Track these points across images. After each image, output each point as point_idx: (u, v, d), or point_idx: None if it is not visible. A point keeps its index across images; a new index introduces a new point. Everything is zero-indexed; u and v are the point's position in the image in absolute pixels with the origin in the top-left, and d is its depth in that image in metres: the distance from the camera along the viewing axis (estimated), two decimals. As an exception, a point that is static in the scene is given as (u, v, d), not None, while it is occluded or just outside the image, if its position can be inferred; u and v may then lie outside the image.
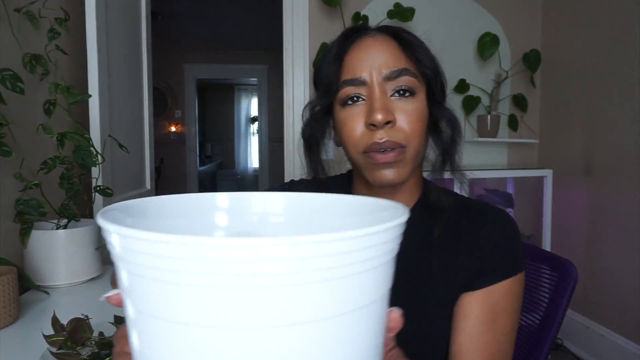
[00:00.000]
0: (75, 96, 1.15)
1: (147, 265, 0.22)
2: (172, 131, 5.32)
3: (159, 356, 0.23)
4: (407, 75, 0.58)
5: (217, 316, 0.21)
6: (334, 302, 0.22)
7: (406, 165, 0.59)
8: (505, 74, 2.36)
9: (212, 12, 4.02)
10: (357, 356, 0.25)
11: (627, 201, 1.90)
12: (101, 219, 0.24)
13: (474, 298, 0.59)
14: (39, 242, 1.07)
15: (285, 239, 0.20)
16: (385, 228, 0.23)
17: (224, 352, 0.22)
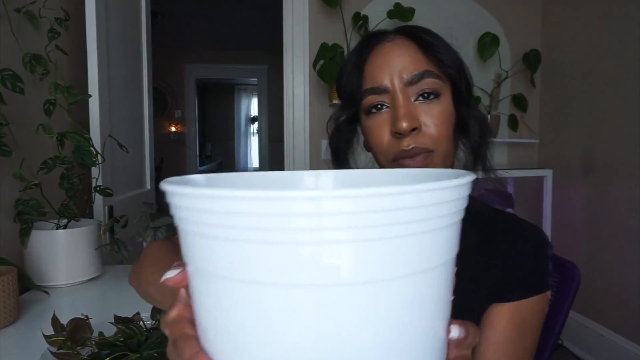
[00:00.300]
0: (75, 96, 1.15)
1: (219, 225, 0.22)
2: (172, 131, 5.32)
3: (233, 319, 0.23)
4: (430, 78, 0.57)
5: (287, 274, 0.21)
6: (405, 261, 0.22)
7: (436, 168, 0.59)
8: (505, 74, 2.36)
9: (212, 12, 4.02)
10: (425, 318, 0.24)
11: (627, 201, 1.90)
12: (168, 185, 0.24)
13: (503, 310, 0.58)
14: (39, 242, 1.07)
15: (358, 191, 0.20)
16: (455, 184, 0.23)
17: (297, 310, 0.22)
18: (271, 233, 0.21)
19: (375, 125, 0.60)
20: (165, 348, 0.63)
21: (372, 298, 0.22)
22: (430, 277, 0.24)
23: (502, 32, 2.38)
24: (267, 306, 0.22)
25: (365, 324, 0.22)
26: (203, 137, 7.52)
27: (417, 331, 0.24)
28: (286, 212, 0.20)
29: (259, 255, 0.21)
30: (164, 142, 5.23)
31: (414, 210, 0.21)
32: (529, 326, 0.58)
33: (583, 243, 2.16)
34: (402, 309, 0.23)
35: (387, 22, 2.15)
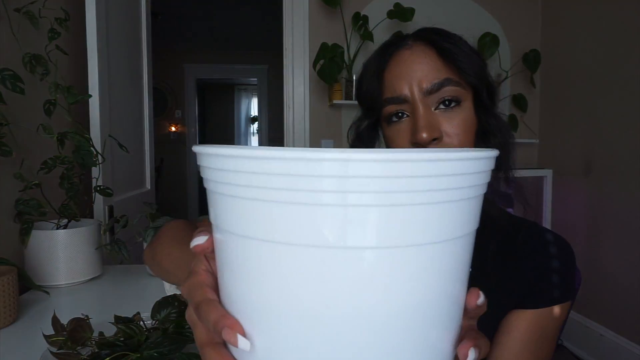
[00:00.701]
0: (75, 96, 1.15)
1: (249, 185, 0.22)
2: (172, 131, 5.32)
3: (258, 280, 0.24)
4: (450, 86, 0.56)
5: (314, 236, 0.21)
6: (430, 229, 0.22)
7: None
8: (505, 74, 2.36)
9: (212, 12, 4.02)
10: (449, 285, 0.25)
11: (627, 201, 1.90)
12: (201, 147, 0.25)
13: (522, 316, 0.58)
14: (39, 242, 1.07)
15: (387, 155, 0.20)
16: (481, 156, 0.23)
17: (322, 273, 0.22)
18: (300, 194, 0.21)
19: (395, 135, 0.59)
20: (165, 348, 0.63)
21: (396, 264, 0.22)
22: (454, 246, 0.24)
23: (502, 32, 2.38)
24: (293, 268, 0.22)
25: (390, 290, 0.22)
26: (203, 137, 7.51)
27: (443, 296, 0.24)
28: (315, 173, 0.21)
29: (287, 216, 0.22)
30: (164, 142, 5.23)
31: (440, 178, 0.22)
32: (548, 335, 0.58)
33: (583, 243, 2.16)
34: (427, 276, 0.23)
35: (387, 22, 2.15)
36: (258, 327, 0.24)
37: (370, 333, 0.23)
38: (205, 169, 0.26)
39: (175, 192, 5.33)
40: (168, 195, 5.23)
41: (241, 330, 0.25)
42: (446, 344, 0.26)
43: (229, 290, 0.26)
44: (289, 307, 0.23)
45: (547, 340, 0.58)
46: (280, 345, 0.23)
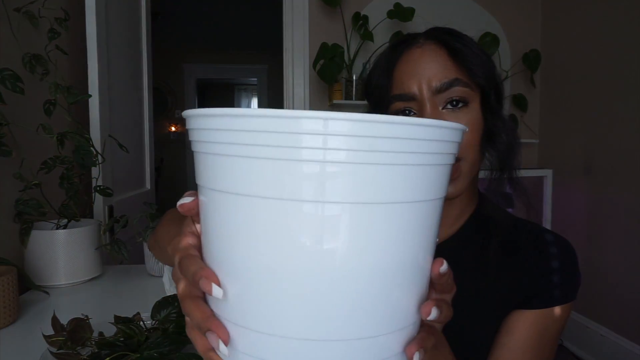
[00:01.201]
0: (75, 96, 1.15)
1: (233, 142, 0.24)
2: (172, 131, 5.32)
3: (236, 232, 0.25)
4: (459, 86, 0.56)
5: (291, 189, 0.23)
6: (398, 188, 0.24)
7: (463, 178, 0.58)
8: (505, 74, 2.36)
9: (212, 12, 4.02)
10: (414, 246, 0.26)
11: (627, 201, 1.90)
12: (188, 111, 0.26)
13: (524, 316, 0.58)
14: (39, 242, 1.07)
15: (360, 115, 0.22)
16: (448, 126, 0.25)
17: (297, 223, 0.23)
18: (279, 150, 0.22)
19: None
20: (165, 348, 0.63)
21: (365, 218, 0.24)
22: (418, 210, 0.26)
23: (502, 32, 2.38)
24: (270, 219, 0.24)
25: (359, 243, 0.24)
26: (203, 137, 7.52)
27: (406, 257, 0.26)
28: (294, 130, 0.22)
29: (266, 171, 0.23)
30: (164, 142, 5.23)
31: (402, 141, 0.23)
32: (550, 335, 0.58)
33: (583, 243, 2.16)
34: (390, 234, 0.25)
35: (387, 22, 2.15)
36: (231, 278, 0.26)
37: (331, 287, 0.24)
38: (192, 132, 0.27)
39: (175, 192, 5.32)
40: (168, 195, 5.23)
41: (216, 280, 0.27)
42: (408, 302, 0.27)
43: (209, 246, 0.28)
44: (258, 259, 0.24)
45: (549, 341, 0.58)
46: (249, 294, 0.25)
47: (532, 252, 0.60)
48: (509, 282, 0.59)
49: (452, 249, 0.63)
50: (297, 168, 0.23)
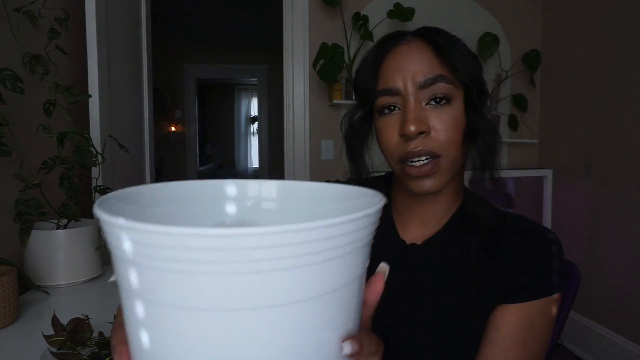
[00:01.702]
0: (75, 96, 1.15)
1: (132, 251, 0.24)
2: (172, 131, 5.32)
3: (147, 339, 0.25)
4: (442, 82, 0.57)
5: (194, 299, 0.23)
6: (305, 287, 0.24)
7: (442, 174, 0.59)
8: (505, 74, 2.36)
9: (212, 12, 4.02)
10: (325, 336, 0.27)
11: (627, 201, 1.90)
12: (102, 212, 0.25)
13: (509, 311, 0.58)
14: (39, 242, 1.07)
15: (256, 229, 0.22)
16: (357, 217, 0.25)
17: (206, 334, 0.23)
18: (180, 263, 0.23)
19: (385, 126, 0.61)
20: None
21: (273, 321, 0.24)
22: (330, 298, 0.26)
23: (502, 32, 2.38)
24: (177, 328, 0.24)
25: (267, 345, 0.24)
26: (203, 137, 7.52)
27: (315, 349, 0.26)
28: (194, 246, 0.22)
29: (168, 281, 0.23)
30: (164, 142, 5.23)
31: (313, 243, 0.23)
32: (536, 329, 0.57)
33: (583, 243, 2.16)
34: (301, 329, 0.25)
35: (387, 22, 2.15)
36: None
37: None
38: (106, 233, 0.27)
39: (175, 192, 5.32)
40: (168, 195, 5.23)
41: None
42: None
43: (130, 345, 0.28)
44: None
45: (537, 334, 0.57)
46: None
47: (514, 247, 0.60)
48: (492, 277, 0.59)
49: (436, 246, 0.64)
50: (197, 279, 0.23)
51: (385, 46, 0.62)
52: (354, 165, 0.68)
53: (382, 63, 0.61)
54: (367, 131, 0.68)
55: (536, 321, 0.57)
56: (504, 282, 0.59)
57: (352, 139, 0.68)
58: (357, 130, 0.67)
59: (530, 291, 0.58)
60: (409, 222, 0.67)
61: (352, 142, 0.68)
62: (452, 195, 0.65)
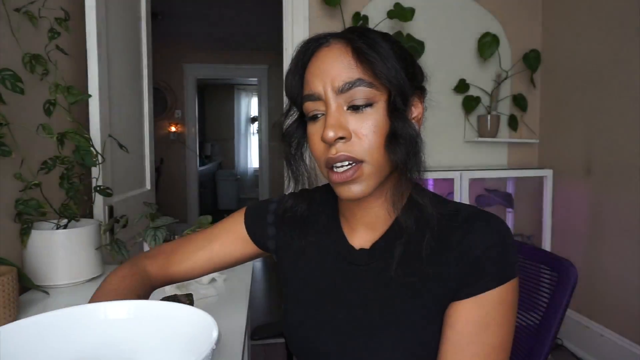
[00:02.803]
0: (75, 96, 1.15)
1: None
2: (172, 131, 5.32)
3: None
4: (362, 86, 0.56)
5: None
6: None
7: (367, 180, 0.57)
8: (505, 74, 2.36)
9: (212, 12, 4.02)
10: None
11: (627, 201, 1.90)
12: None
13: (461, 307, 0.57)
14: (39, 242, 1.07)
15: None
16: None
17: None
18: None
19: (312, 132, 0.60)
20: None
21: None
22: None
23: (502, 32, 2.38)
24: None
25: None
26: (203, 137, 7.51)
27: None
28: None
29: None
30: (164, 142, 5.23)
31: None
32: (493, 320, 0.56)
33: (583, 243, 2.16)
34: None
35: (387, 22, 2.15)
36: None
37: None
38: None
39: (175, 192, 5.32)
40: (168, 195, 5.23)
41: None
42: None
43: None
44: None
45: (495, 327, 0.56)
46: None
47: (459, 239, 0.59)
48: (439, 275, 0.58)
49: (382, 250, 0.63)
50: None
51: (308, 50, 0.61)
52: (291, 170, 0.67)
53: (306, 67, 0.60)
54: (301, 135, 0.67)
55: (491, 312, 0.56)
56: (453, 278, 0.58)
57: (288, 146, 0.67)
58: (289, 135, 0.67)
59: (480, 283, 0.56)
60: (355, 228, 0.67)
61: (287, 149, 0.67)
62: (390, 199, 0.63)
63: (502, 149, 2.46)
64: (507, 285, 0.57)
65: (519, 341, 0.83)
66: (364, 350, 0.60)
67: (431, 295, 0.59)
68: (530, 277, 0.87)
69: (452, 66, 2.33)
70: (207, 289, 1.07)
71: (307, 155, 0.68)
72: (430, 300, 0.59)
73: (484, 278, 0.56)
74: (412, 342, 0.58)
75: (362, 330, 0.61)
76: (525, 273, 0.88)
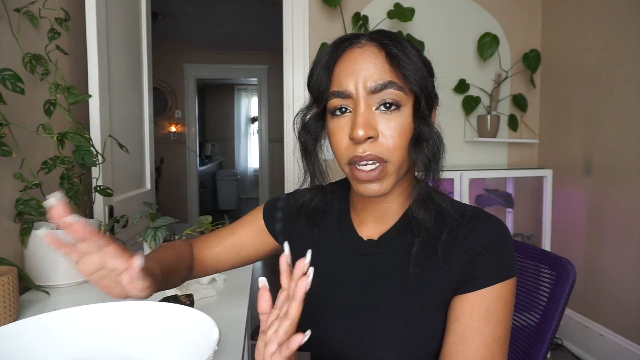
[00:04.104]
0: (75, 96, 1.15)
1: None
2: (172, 131, 5.32)
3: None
4: (392, 88, 0.59)
5: None
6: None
7: (389, 178, 0.61)
8: (505, 74, 2.36)
9: (212, 12, 4.02)
10: None
11: (627, 201, 1.90)
12: None
13: (464, 301, 0.60)
14: (39, 242, 1.07)
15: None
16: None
17: None
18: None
19: (336, 128, 0.62)
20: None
21: None
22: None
23: (502, 32, 2.38)
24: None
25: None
26: (203, 137, 7.51)
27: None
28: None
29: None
30: (164, 142, 5.23)
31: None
32: (494, 315, 0.59)
33: (583, 243, 2.16)
34: None
35: (387, 22, 2.16)
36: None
37: None
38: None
39: (175, 192, 5.32)
40: (168, 195, 5.23)
41: None
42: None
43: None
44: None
45: (494, 320, 0.59)
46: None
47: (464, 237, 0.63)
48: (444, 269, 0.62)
49: (389, 241, 0.67)
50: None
51: (339, 48, 0.63)
52: (308, 163, 0.70)
53: (336, 65, 0.63)
54: (319, 130, 0.70)
55: (491, 308, 0.59)
56: (456, 274, 0.61)
57: (305, 138, 0.70)
58: (310, 130, 0.69)
59: (482, 279, 0.60)
60: (365, 220, 0.70)
61: (305, 141, 0.70)
62: (403, 194, 0.68)
63: (502, 149, 2.46)
64: (506, 283, 0.60)
65: (518, 340, 0.84)
66: (367, 335, 0.63)
67: (435, 288, 0.62)
68: (529, 276, 0.87)
69: (452, 66, 2.33)
70: (208, 290, 1.07)
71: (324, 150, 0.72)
72: (433, 292, 0.62)
73: (485, 274, 0.60)
74: (413, 331, 0.61)
75: (366, 316, 0.64)
76: (524, 272, 0.89)
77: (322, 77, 0.63)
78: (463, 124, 2.38)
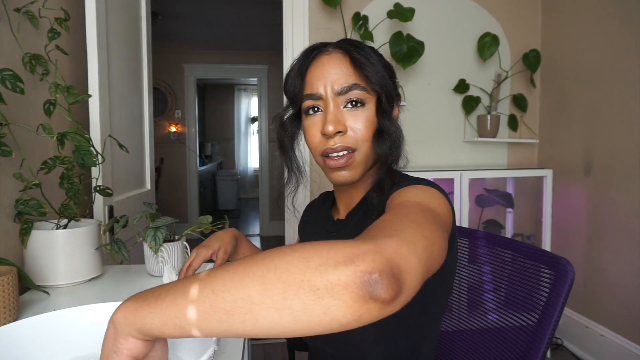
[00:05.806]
0: (75, 96, 1.15)
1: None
2: (172, 131, 5.32)
3: None
4: (357, 90, 0.69)
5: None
6: None
7: (357, 167, 0.71)
8: (505, 74, 2.36)
9: (212, 12, 4.02)
10: None
11: (627, 201, 1.90)
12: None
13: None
14: (39, 242, 1.07)
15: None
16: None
17: None
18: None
19: (310, 125, 0.72)
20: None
21: None
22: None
23: (502, 32, 2.38)
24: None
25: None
26: (203, 137, 7.51)
27: None
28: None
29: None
30: (164, 142, 5.23)
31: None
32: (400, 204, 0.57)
33: (583, 243, 2.16)
34: None
35: (387, 22, 2.16)
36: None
37: None
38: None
39: (175, 192, 5.32)
40: (168, 195, 5.23)
41: None
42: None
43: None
44: None
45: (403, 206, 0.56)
46: None
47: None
48: None
49: (354, 217, 0.77)
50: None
51: (310, 55, 0.73)
52: (286, 159, 0.81)
53: (307, 70, 0.72)
54: (296, 129, 0.80)
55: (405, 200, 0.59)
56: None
57: (283, 137, 0.80)
58: (287, 128, 0.79)
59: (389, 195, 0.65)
60: (339, 207, 0.83)
61: (284, 139, 0.80)
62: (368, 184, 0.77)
63: (502, 149, 2.46)
64: (414, 186, 0.64)
65: (517, 339, 0.84)
66: None
67: None
68: (527, 275, 0.87)
69: (452, 66, 2.33)
70: (207, 289, 1.07)
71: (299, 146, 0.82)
72: None
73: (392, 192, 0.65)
74: None
75: None
76: (523, 272, 0.89)
77: (296, 82, 0.73)
78: (463, 124, 2.38)
